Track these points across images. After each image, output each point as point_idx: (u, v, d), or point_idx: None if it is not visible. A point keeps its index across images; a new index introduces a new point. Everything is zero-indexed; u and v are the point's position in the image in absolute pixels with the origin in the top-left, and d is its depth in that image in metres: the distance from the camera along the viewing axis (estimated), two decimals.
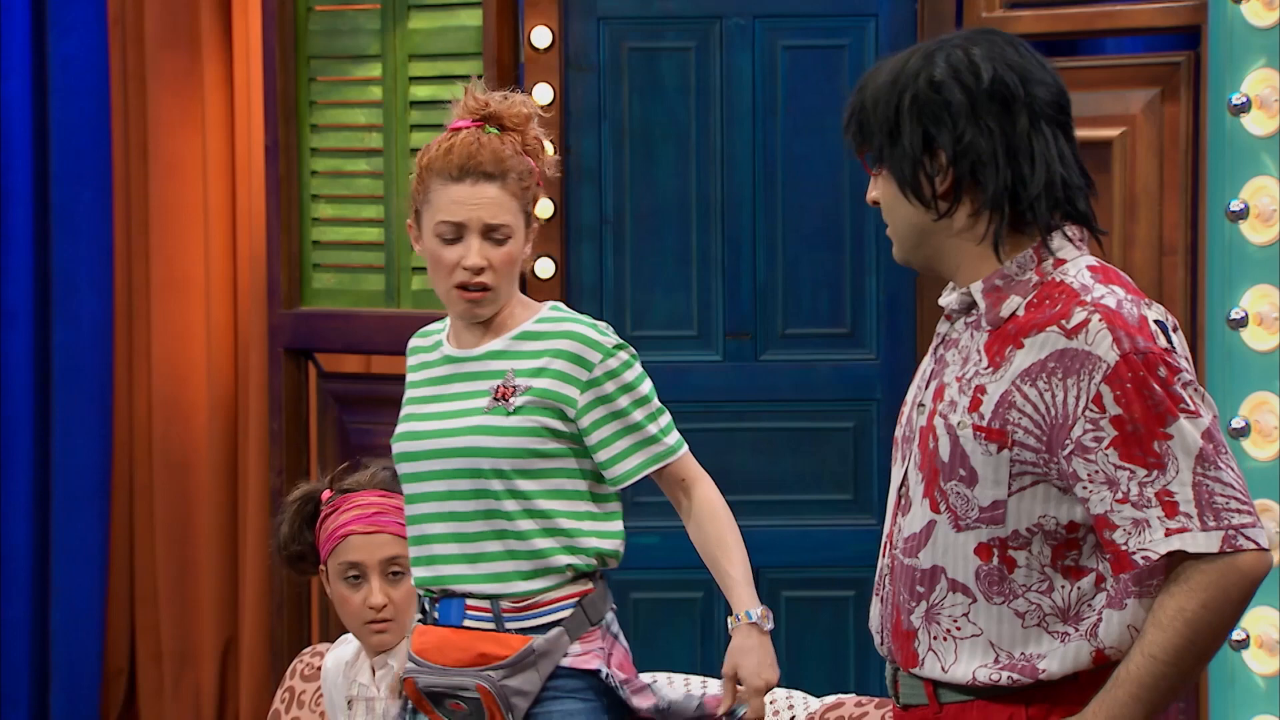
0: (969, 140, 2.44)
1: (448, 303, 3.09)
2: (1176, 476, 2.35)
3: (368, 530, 3.33)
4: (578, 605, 3.03)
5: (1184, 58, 4.38)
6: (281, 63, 5.13)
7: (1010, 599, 2.44)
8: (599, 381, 3.03)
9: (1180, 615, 2.35)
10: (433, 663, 3.05)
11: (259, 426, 5.54)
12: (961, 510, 2.45)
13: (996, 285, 2.47)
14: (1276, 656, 3.95)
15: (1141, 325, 2.39)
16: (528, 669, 3.01)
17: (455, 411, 3.06)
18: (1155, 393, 2.36)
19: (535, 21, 4.86)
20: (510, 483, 3.02)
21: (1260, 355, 3.97)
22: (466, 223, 3.04)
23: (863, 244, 4.82)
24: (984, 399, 2.43)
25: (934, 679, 2.48)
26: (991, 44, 2.49)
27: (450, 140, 3.06)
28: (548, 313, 3.10)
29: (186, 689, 5.73)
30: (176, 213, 5.68)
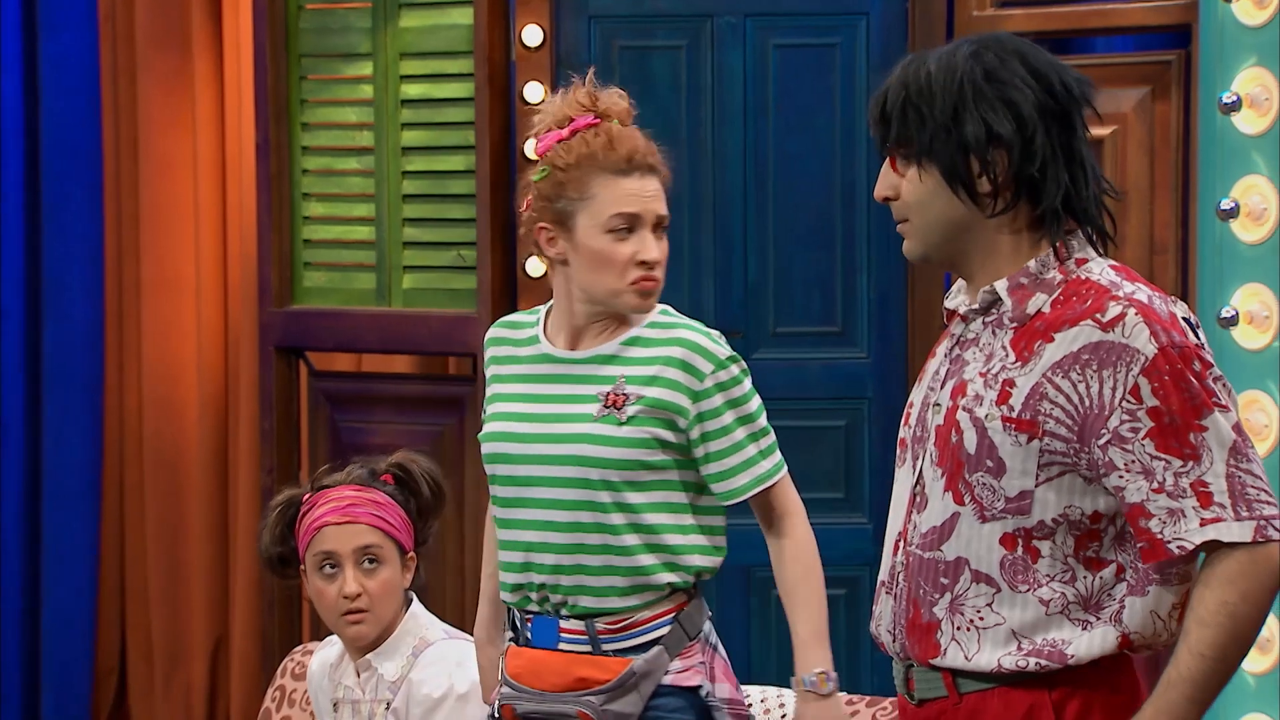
0: (1037, 145, 2.45)
1: (614, 301, 2.97)
2: (1211, 468, 2.39)
3: (341, 521, 3.33)
4: (675, 621, 2.96)
5: (1175, 56, 4.38)
6: (272, 61, 5.13)
7: (1035, 588, 2.46)
8: (709, 393, 2.95)
9: (1223, 609, 2.38)
10: (530, 687, 2.98)
11: (250, 425, 5.53)
12: (988, 501, 2.47)
13: (1022, 283, 2.49)
14: (1268, 655, 3.95)
15: (1173, 321, 2.43)
16: (629, 692, 2.93)
17: (562, 415, 2.97)
18: (1192, 386, 2.40)
19: (526, 20, 4.86)
20: (618, 495, 2.93)
21: (1251, 353, 3.97)
22: (643, 214, 2.96)
23: (854, 243, 4.82)
24: (1013, 391, 2.45)
25: (955, 668, 2.50)
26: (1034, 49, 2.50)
27: (603, 135, 2.97)
28: (658, 316, 3.01)
29: (177, 687, 5.72)
30: (167, 211, 5.67)
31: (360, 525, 3.32)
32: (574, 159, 2.97)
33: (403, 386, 5.19)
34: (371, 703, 3.36)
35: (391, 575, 3.34)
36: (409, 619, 3.37)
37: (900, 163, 2.52)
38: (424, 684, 3.30)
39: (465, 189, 4.96)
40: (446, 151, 4.99)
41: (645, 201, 2.96)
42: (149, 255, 5.68)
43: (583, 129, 2.98)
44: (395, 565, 3.35)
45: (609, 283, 2.96)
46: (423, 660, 3.33)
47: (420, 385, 5.19)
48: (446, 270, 5.01)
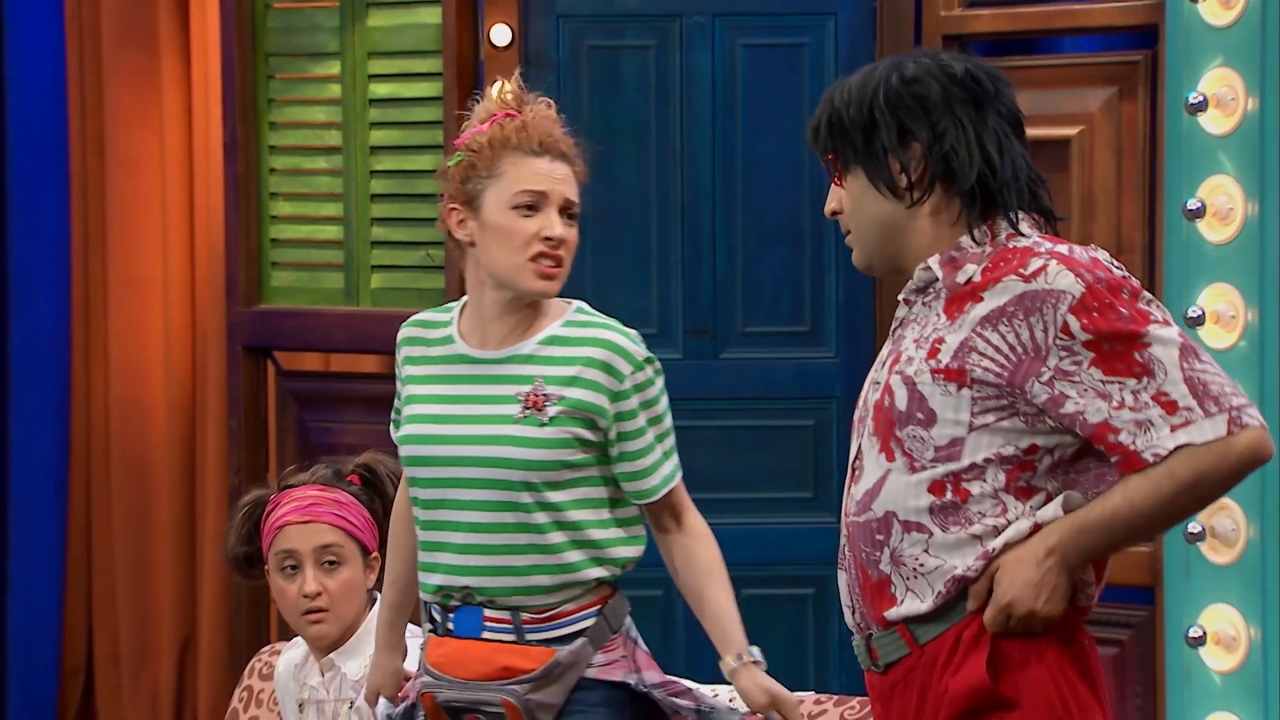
0: (943, 129, 2.56)
1: (515, 279, 2.99)
2: (1167, 377, 2.47)
3: (301, 520, 3.33)
4: (599, 614, 2.98)
5: (1142, 57, 4.39)
6: (240, 60, 5.12)
7: (966, 525, 2.54)
8: (627, 395, 2.98)
9: (1169, 476, 2.46)
10: (452, 676, 2.98)
11: (217, 425, 5.52)
12: (918, 453, 2.55)
13: (953, 256, 2.57)
14: (1234, 654, 3.96)
15: (1095, 263, 2.51)
16: (554, 682, 2.95)
17: (482, 417, 2.99)
18: (1122, 312, 2.48)
19: (495, 19, 4.86)
20: (539, 494, 2.96)
21: (1217, 354, 3.98)
22: (549, 193, 3.00)
23: (822, 242, 4.82)
24: (942, 347, 2.54)
25: (911, 616, 2.56)
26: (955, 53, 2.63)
27: (518, 120, 3.02)
28: (575, 315, 3.04)
29: (144, 688, 5.71)
30: (134, 211, 5.66)
31: (321, 525, 3.32)
32: (486, 141, 3.03)
33: (371, 386, 5.18)
34: (335, 702, 3.36)
35: (352, 575, 3.34)
36: (372, 618, 3.37)
37: (838, 175, 2.63)
38: None
39: (433, 188, 4.92)
40: (415, 151, 4.99)
41: (553, 182, 3.01)
42: (116, 255, 5.67)
43: (500, 119, 3.04)
44: (357, 565, 3.35)
45: (511, 258, 2.98)
46: None
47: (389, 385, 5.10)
48: (415, 270, 5.00)
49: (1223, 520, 3.97)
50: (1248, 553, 3.94)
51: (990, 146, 2.56)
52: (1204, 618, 3.99)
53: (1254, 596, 3.94)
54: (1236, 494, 3.95)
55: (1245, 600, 3.95)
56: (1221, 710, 3.98)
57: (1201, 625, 3.98)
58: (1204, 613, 3.99)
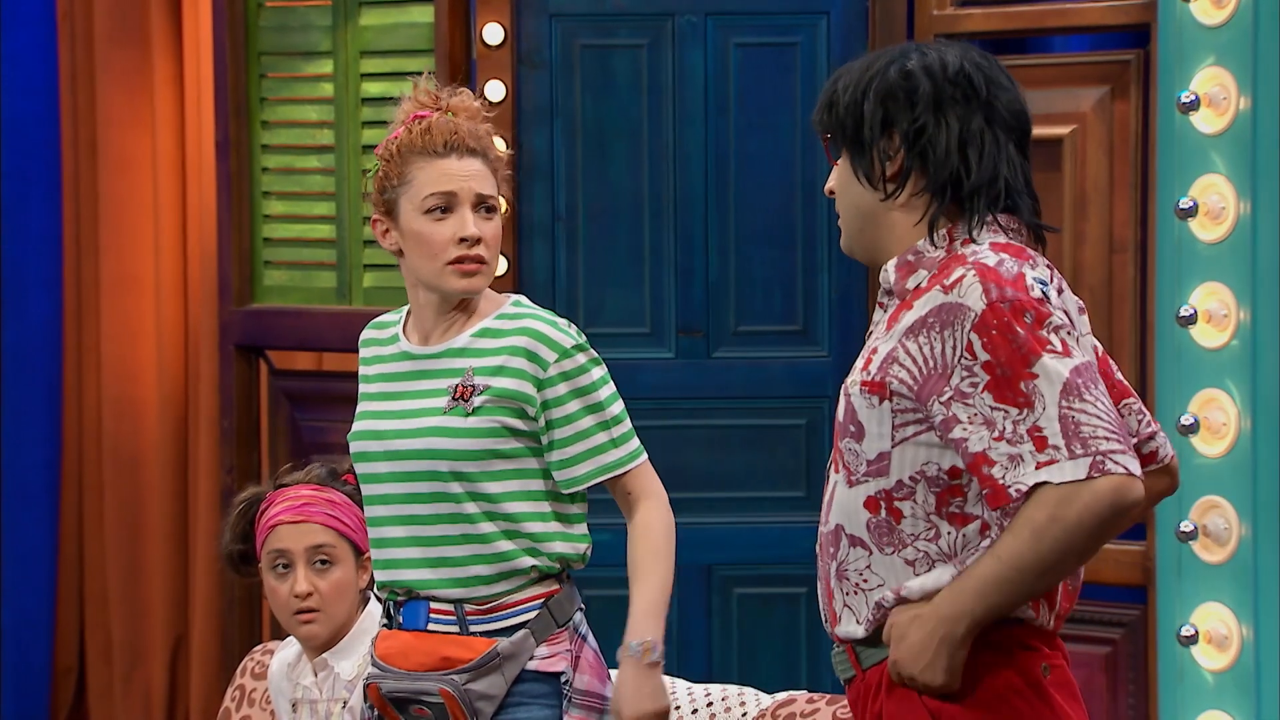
0: (923, 125, 2.55)
1: (439, 283, 3.01)
2: (1045, 412, 2.44)
3: (295, 520, 3.33)
4: (543, 606, 2.99)
5: (1133, 56, 4.39)
6: (232, 59, 5.11)
7: (900, 548, 2.53)
8: (553, 381, 2.98)
9: (1028, 525, 2.43)
10: (396, 667, 3.01)
11: (209, 424, 5.52)
12: (854, 466, 2.56)
13: (908, 260, 2.58)
14: (1226, 652, 3.97)
15: (1017, 280, 2.49)
16: (492, 672, 2.96)
17: (413, 411, 3.01)
18: (1019, 336, 2.45)
19: (487, 18, 4.86)
20: (471, 484, 2.97)
21: (1209, 352, 3.98)
22: (458, 192, 2.99)
23: (815, 242, 4.82)
24: (874, 358, 2.55)
25: (851, 638, 2.56)
26: (964, 49, 2.61)
27: (424, 123, 3.02)
28: (509, 308, 3.05)
29: (136, 687, 5.71)
30: (126, 210, 5.65)
31: (313, 525, 3.33)
32: (395, 148, 3.03)
33: None
34: (329, 702, 3.36)
35: (344, 575, 3.34)
36: (365, 617, 3.37)
37: (834, 157, 2.65)
38: None
39: None
40: None
41: (462, 180, 3.00)
42: (108, 254, 5.66)
43: (409, 122, 3.05)
44: (349, 565, 3.35)
45: (429, 265, 3.00)
46: None
47: None
48: None
49: (1215, 519, 3.97)
50: (1239, 551, 3.95)
51: (971, 149, 2.54)
52: (1196, 616, 3.99)
53: (1246, 595, 3.94)
54: (1228, 492, 3.96)
55: (1237, 599, 3.95)
56: (1214, 709, 3.98)
57: (1193, 624, 3.99)
58: (1196, 611, 3.99)
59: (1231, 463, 3.95)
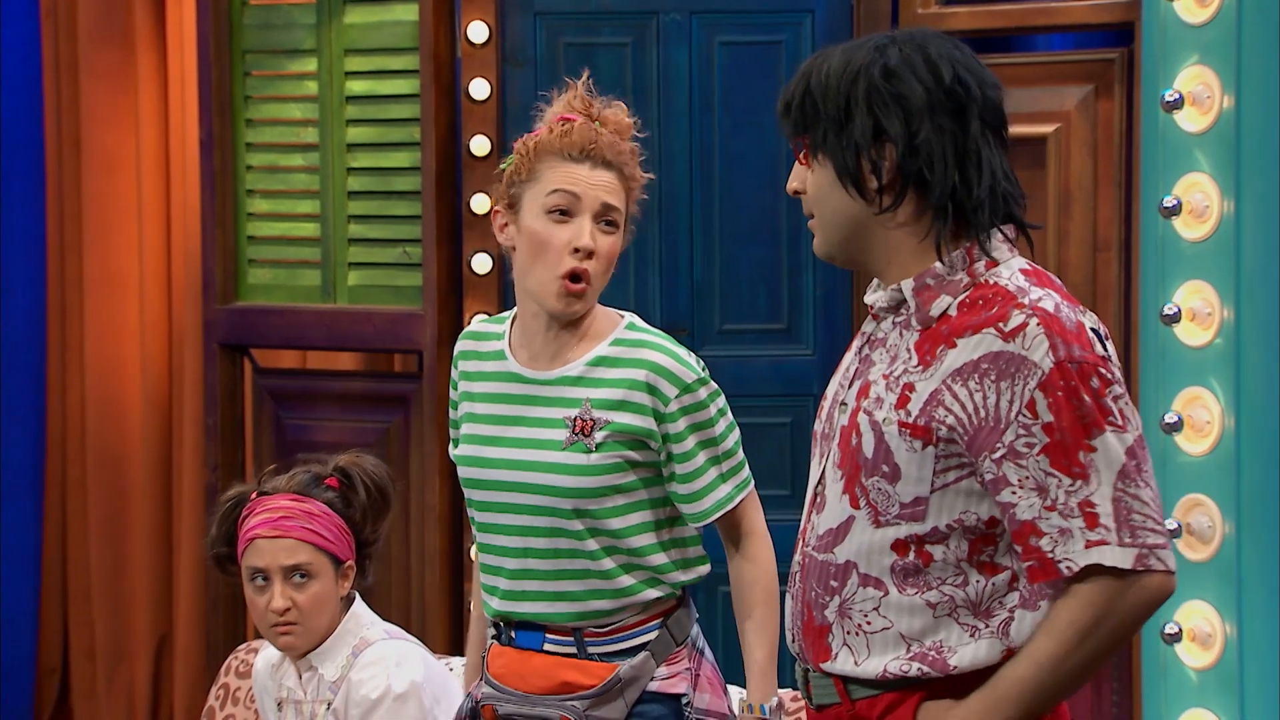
0: (923, 138, 2.42)
1: (541, 295, 2.94)
2: (1098, 489, 2.35)
3: (271, 535, 3.31)
4: (662, 626, 2.95)
5: (1118, 54, 4.40)
6: (216, 57, 5.10)
7: (924, 590, 2.44)
8: (673, 417, 2.92)
9: (1072, 627, 2.35)
10: (514, 689, 2.96)
11: (194, 422, 5.51)
12: (882, 506, 2.44)
13: (928, 284, 2.45)
14: (1210, 650, 3.97)
15: (1079, 332, 2.39)
16: (615, 698, 2.92)
17: (530, 442, 2.94)
18: (1085, 403, 2.36)
19: (472, 16, 4.85)
20: (593, 521, 2.91)
21: (1193, 351, 3.99)
22: (583, 197, 2.93)
23: (799, 240, 4.83)
24: (912, 396, 2.42)
25: (845, 674, 2.48)
26: (942, 43, 2.48)
27: (567, 126, 2.97)
28: (624, 332, 2.98)
29: (120, 686, 5.70)
30: (110, 207, 5.64)
31: (290, 540, 3.31)
32: (533, 145, 2.98)
33: (348, 383, 5.18)
34: (313, 703, 3.36)
35: (322, 589, 3.33)
36: (349, 619, 3.36)
37: (805, 156, 2.50)
38: (362, 685, 3.30)
39: (411, 186, 4.95)
40: (392, 148, 4.98)
41: (589, 186, 2.94)
42: (92, 252, 5.65)
43: (554, 122, 3.00)
44: (328, 578, 3.33)
45: (541, 272, 2.94)
46: (361, 660, 3.32)
47: (365, 382, 5.18)
48: (392, 267, 5.00)
49: (1199, 517, 3.98)
50: (1223, 550, 3.95)
51: (969, 161, 2.42)
52: (1180, 614, 4.00)
53: (1230, 593, 3.95)
54: (1212, 490, 3.97)
55: (1221, 597, 3.96)
56: (1197, 707, 3.99)
57: (1177, 622, 3.99)
58: (1180, 609, 4.00)
59: (1215, 461, 3.96)
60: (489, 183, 4.88)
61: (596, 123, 2.99)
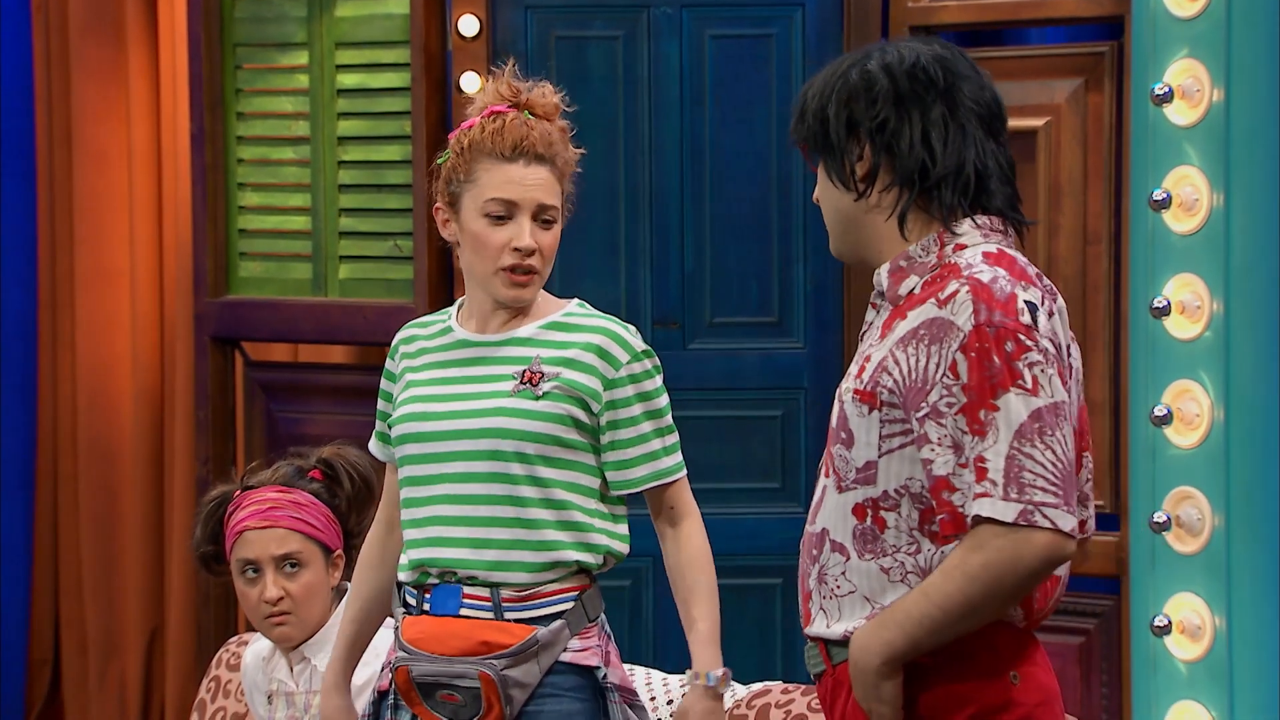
0: (884, 119, 2.56)
1: (488, 286, 3.02)
2: (994, 445, 2.44)
3: (261, 525, 3.32)
4: (578, 599, 2.98)
5: (1107, 48, 4.40)
6: (207, 51, 5.10)
7: (879, 556, 2.54)
8: (621, 383, 3.00)
9: (960, 567, 2.45)
10: (430, 652, 2.98)
11: (185, 416, 5.51)
12: (843, 472, 2.56)
13: (900, 265, 2.58)
14: (1199, 642, 3.98)
15: (1009, 301, 2.49)
16: (529, 660, 2.95)
17: (477, 393, 3.00)
18: (994, 364, 2.46)
19: (463, 10, 4.85)
20: (531, 468, 2.96)
21: (1182, 343, 3.99)
22: (520, 202, 2.99)
23: (790, 233, 4.83)
24: (867, 366, 2.55)
25: (823, 637, 2.59)
26: (929, 43, 2.62)
27: (498, 122, 3.01)
28: (575, 308, 3.06)
29: (112, 679, 5.70)
30: (101, 202, 5.64)
31: (280, 530, 3.31)
32: (466, 143, 3.02)
33: (339, 377, 5.18)
34: (307, 694, 3.36)
35: (314, 577, 3.33)
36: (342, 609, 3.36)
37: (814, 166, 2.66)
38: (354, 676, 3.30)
39: (402, 179, 4.95)
40: (383, 141, 4.98)
41: (525, 189, 2.99)
42: (83, 246, 5.65)
43: (486, 117, 3.03)
44: (319, 566, 3.34)
45: (484, 267, 3.01)
46: None
47: (356, 375, 5.18)
48: (383, 260, 5.00)
49: (1188, 509, 3.98)
50: (1213, 542, 3.96)
51: (934, 138, 2.55)
52: (1169, 607, 4.00)
53: (1219, 585, 3.95)
54: (1201, 483, 3.97)
55: (1210, 589, 3.96)
56: (1187, 699, 3.99)
57: (1167, 614, 4.00)
58: (1169, 602, 4.00)
59: (1205, 453, 3.96)
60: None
61: (525, 110, 3.03)
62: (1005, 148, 2.60)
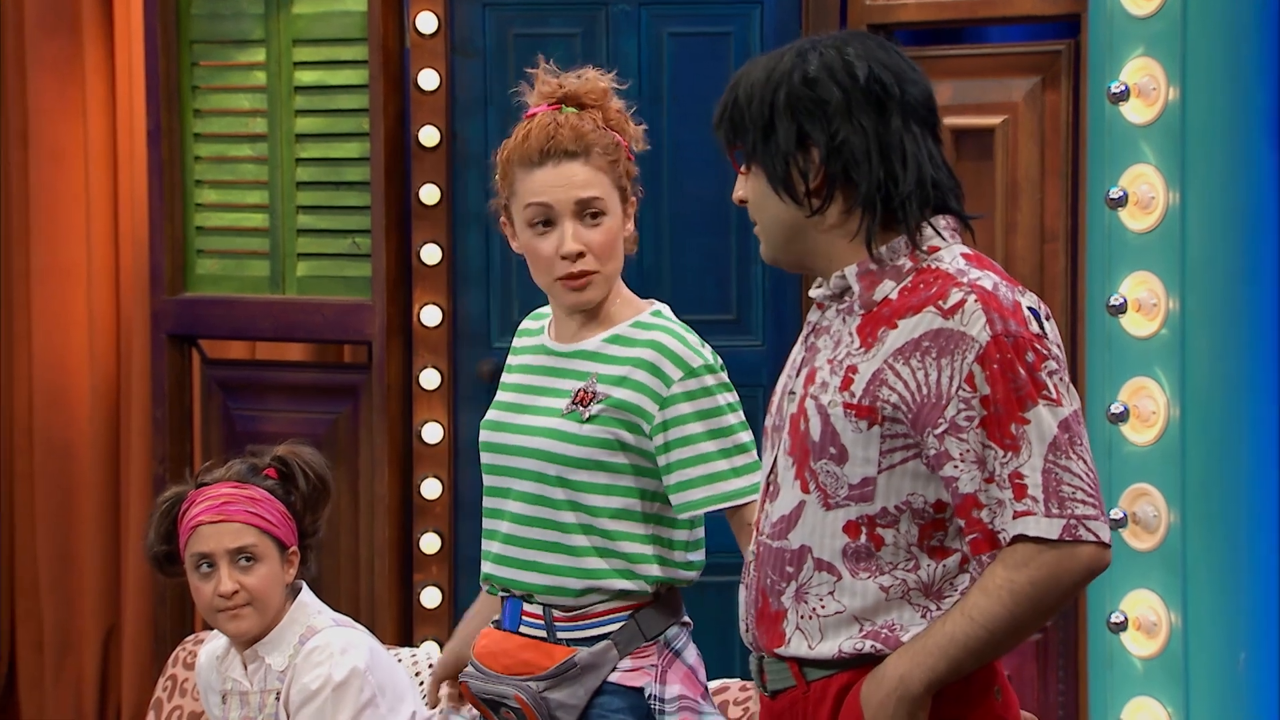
0: (843, 138, 2.46)
1: (553, 296, 2.96)
2: (1029, 461, 2.39)
3: (215, 520, 3.32)
4: (630, 619, 2.92)
5: (1065, 46, 4.41)
6: (164, 47, 5.09)
7: (876, 575, 2.47)
8: (675, 400, 2.89)
9: (1007, 586, 2.39)
10: (486, 668, 2.96)
11: (142, 414, 5.49)
12: (831, 489, 2.47)
13: (871, 269, 2.49)
14: (1155, 639, 3.99)
15: (1016, 309, 2.43)
16: (570, 682, 2.90)
17: (536, 408, 2.95)
18: (1019, 376, 2.40)
19: (420, 7, 4.85)
20: (573, 494, 2.90)
21: (1139, 341, 4.01)
22: (555, 204, 2.91)
23: (748, 231, 4.78)
24: (855, 378, 2.46)
25: (799, 657, 2.51)
26: (864, 43, 2.51)
27: (526, 127, 2.95)
28: (646, 317, 2.97)
29: (68, 677, 5.68)
30: (58, 198, 5.62)
31: (235, 524, 3.31)
32: (504, 156, 2.98)
33: (297, 374, 5.17)
34: (261, 693, 3.35)
35: (269, 572, 3.33)
36: (296, 608, 3.36)
37: (741, 167, 2.55)
38: (303, 674, 3.30)
39: (360, 176, 4.94)
40: (341, 139, 4.97)
41: (556, 190, 2.92)
42: (39, 243, 5.63)
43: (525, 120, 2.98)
44: (273, 562, 3.34)
45: (540, 278, 2.97)
46: (306, 648, 3.33)
47: (315, 373, 5.17)
48: (341, 258, 4.99)
49: (1144, 506, 4.00)
50: (1168, 538, 3.97)
51: (894, 156, 2.46)
52: (1125, 603, 4.02)
53: (1175, 582, 3.97)
54: (1157, 480, 3.99)
55: (1166, 586, 3.98)
56: (1143, 695, 4.01)
57: (1123, 611, 4.01)
58: (1125, 598, 4.02)
59: (1161, 451, 3.98)
60: (438, 173, 4.87)
61: (565, 106, 2.97)
62: (940, 145, 2.52)
